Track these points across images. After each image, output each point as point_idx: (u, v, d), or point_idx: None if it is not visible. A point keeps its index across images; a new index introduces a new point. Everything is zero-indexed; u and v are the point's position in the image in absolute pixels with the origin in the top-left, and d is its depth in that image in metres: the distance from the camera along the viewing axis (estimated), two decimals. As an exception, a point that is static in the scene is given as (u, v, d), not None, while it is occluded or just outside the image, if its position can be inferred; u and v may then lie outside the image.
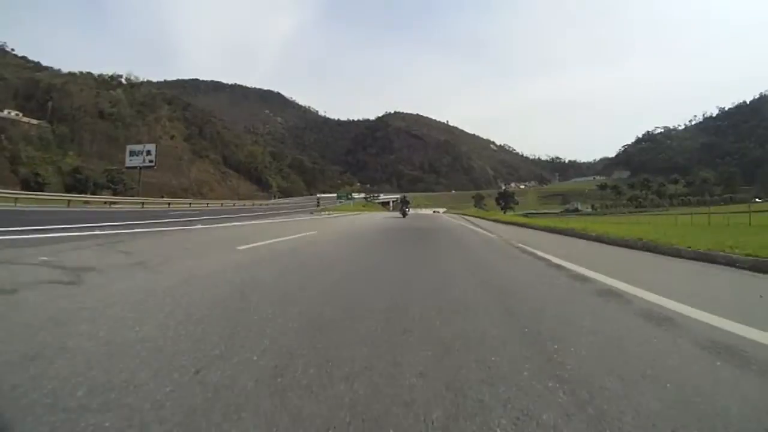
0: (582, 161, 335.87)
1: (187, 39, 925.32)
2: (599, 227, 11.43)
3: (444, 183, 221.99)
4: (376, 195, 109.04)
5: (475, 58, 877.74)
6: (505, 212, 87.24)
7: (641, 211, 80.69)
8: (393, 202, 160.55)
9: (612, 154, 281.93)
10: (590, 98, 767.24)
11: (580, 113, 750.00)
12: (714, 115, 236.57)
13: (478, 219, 28.45)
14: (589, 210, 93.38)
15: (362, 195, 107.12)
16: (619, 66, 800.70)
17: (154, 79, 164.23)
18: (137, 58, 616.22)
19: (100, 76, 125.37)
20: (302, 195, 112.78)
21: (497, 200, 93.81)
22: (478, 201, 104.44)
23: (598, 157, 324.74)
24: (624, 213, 76.00)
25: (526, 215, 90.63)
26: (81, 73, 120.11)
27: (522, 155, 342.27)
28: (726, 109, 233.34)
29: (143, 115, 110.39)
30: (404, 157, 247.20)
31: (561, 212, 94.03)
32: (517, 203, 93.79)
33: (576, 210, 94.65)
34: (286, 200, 78.66)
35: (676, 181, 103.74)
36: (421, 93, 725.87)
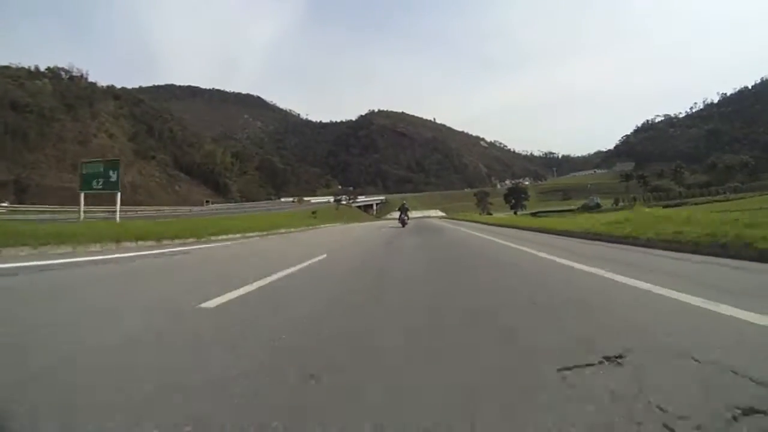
0: (576, 155, 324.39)
1: (166, 48, 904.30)
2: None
3: (434, 182, 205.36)
4: (351, 197, 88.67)
5: (458, 57, 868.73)
6: (515, 212, 71.18)
7: (683, 203, 64.35)
8: (377, 204, 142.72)
9: (605, 148, 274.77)
10: (580, 92, 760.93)
11: (570, 108, 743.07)
12: (715, 101, 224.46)
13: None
14: (611, 205, 77.25)
15: (329, 198, 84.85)
16: (610, 58, 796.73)
17: (129, 86, 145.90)
18: (115, 67, 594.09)
19: (36, 68, 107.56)
20: (270, 200, 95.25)
21: (506, 197, 77.05)
22: (482, 200, 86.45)
23: (592, 150, 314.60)
24: (662, 206, 59.94)
25: (535, 214, 74.59)
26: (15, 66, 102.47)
27: (514, 151, 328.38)
28: (728, 94, 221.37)
29: (75, 109, 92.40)
30: (390, 157, 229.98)
31: (578, 209, 78.12)
32: (528, 199, 77.53)
33: (597, 206, 78.31)
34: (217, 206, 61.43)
35: (713, 166, 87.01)
36: (405, 93, 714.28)
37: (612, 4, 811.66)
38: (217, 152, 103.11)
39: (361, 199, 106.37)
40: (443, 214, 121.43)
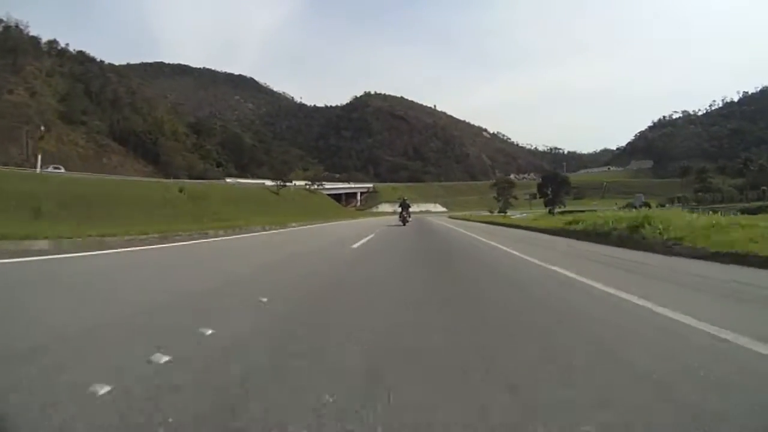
0: (582, 152, 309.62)
1: (159, 27, 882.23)
2: None
3: (433, 172, 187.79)
4: (313, 182, 65.26)
5: (459, 50, 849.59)
6: (551, 210, 54.10)
7: None
8: (362, 194, 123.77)
9: (614, 146, 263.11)
10: (583, 89, 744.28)
11: (574, 104, 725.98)
12: (735, 100, 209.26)
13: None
14: (657, 206, 60.62)
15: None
16: (615, 56, 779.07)
17: (117, 63, 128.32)
18: (107, 44, 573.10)
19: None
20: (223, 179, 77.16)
21: (540, 188, 58.65)
22: (503, 192, 66.07)
23: (598, 148, 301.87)
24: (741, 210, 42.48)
25: (564, 214, 57.92)
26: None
27: (517, 144, 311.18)
28: (749, 93, 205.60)
29: (-13, 60, 74.72)
30: (384, 142, 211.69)
31: (622, 209, 61.80)
32: (569, 193, 60.23)
33: (646, 205, 61.65)
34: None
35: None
36: (405, 83, 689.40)
37: (614, 3, 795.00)
38: (165, 121, 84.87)
39: (338, 186, 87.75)
40: (444, 209, 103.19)
